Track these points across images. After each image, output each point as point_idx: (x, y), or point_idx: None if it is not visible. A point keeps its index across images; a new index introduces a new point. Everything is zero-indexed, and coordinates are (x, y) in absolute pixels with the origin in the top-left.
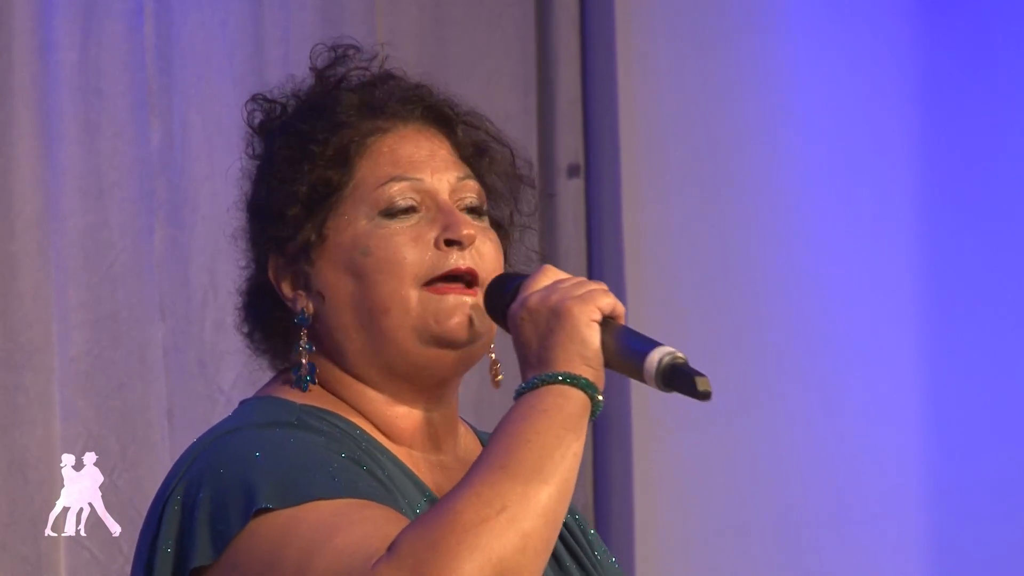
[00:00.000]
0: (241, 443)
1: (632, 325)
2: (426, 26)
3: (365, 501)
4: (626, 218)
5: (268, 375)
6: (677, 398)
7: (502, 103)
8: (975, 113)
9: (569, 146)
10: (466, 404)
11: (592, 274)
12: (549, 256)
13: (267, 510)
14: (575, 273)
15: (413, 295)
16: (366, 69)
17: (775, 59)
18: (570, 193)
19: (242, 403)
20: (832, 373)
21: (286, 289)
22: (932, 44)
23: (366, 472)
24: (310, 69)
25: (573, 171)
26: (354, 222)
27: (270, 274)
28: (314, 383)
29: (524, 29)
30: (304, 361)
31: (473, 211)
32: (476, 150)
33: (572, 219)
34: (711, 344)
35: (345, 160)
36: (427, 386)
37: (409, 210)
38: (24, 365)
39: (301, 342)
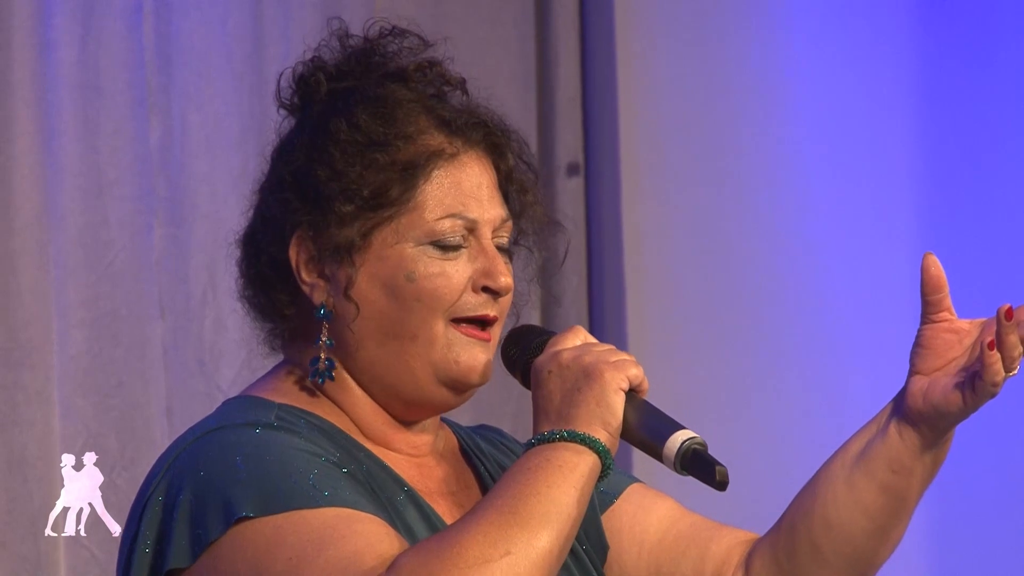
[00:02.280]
0: (222, 445)
1: (631, 324)
2: (425, 24)
3: (353, 512)
4: (625, 216)
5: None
6: (673, 396)
7: (501, 101)
8: (974, 112)
9: (569, 144)
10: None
11: (591, 272)
12: (547, 256)
13: (249, 518)
14: (573, 272)
15: (439, 327)
16: (428, 66)
17: (773, 57)
18: (569, 191)
19: (225, 402)
20: (831, 370)
21: (305, 274)
22: (931, 42)
23: (346, 475)
24: (364, 39)
25: (573, 169)
26: (403, 242)
27: (291, 251)
28: (332, 380)
29: (523, 27)
30: (323, 355)
31: (503, 250)
32: (519, 188)
33: (572, 217)
34: (710, 342)
35: (409, 179)
36: (423, 413)
37: (457, 246)
38: (23, 363)
39: (322, 336)
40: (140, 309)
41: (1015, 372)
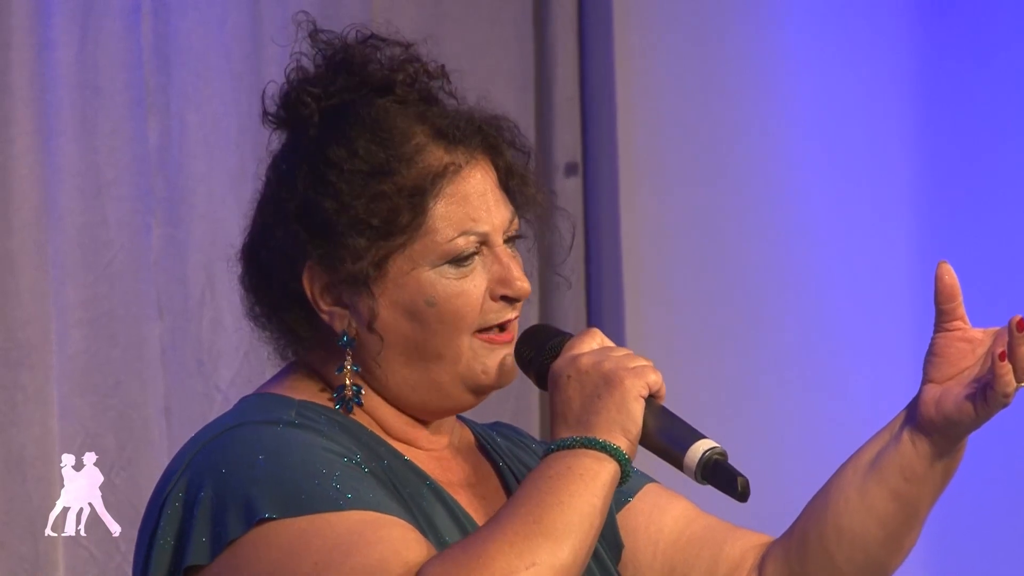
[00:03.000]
0: (243, 442)
1: (630, 324)
2: (423, 24)
3: (378, 516)
4: (624, 216)
5: (265, 373)
6: (670, 393)
7: (500, 101)
8: (972, 111)
9: (567, 144)
10: None
11: (589, 272)
12: (545, 256)
13: (271, 519)
14: (571, 272)
15: (465, 342)
16: (410, 66)
17: (772, 56)
18: (568, 191)
19: (242, 400)
20: (830, 368)
21: (322, 303)
22: (929, 40)
23: (369, 474)
24: (344, 45)
25: (571, 169)
26: (419, 267)
27: (305, 282)
28: (360, 406)
29: (522, 27)
30: (349, 382)
31: (512, 240)
32: (520, 180)
33: (570, 217)
34: (708, 341)
35: (418, 203)
36: (444, 415)
37: (471, 256)
38: (22, 363)
39: (346, 365)
40: (138, 309)
41: None
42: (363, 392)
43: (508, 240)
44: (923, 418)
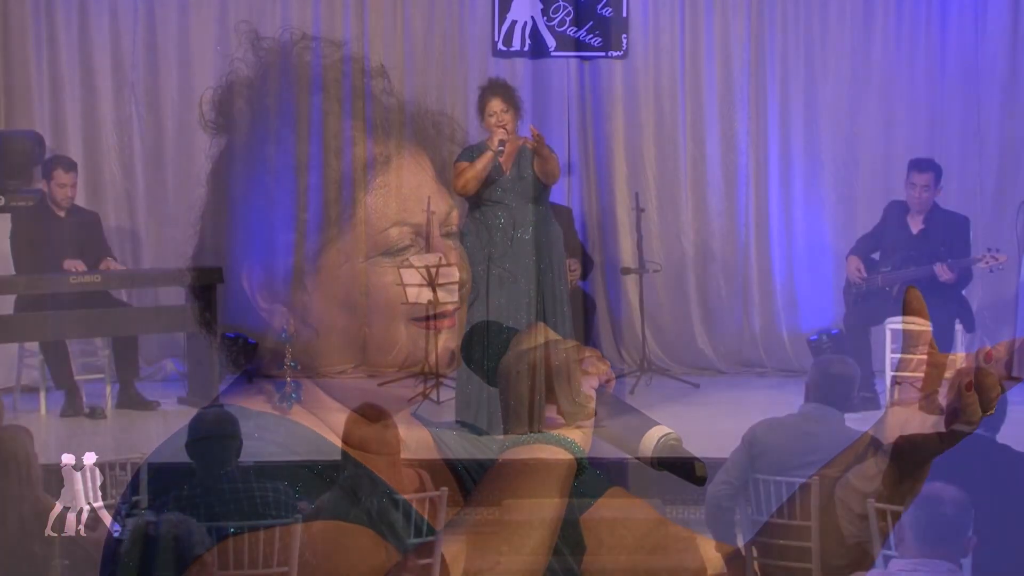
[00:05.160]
0: (204, 456)
1: (625, 321)
2: (420, 24)
3: (341, 525)
4: (618, 215)
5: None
6: (665, 392)
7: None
8: None
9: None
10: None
11: (585, 272)
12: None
13: (237, 533)
14: (569, 272)
15: (400, 330)
16: (346, 74)
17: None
18: (561, 191)
19: (201, 411)
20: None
21: (261, 300)
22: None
23: (330, 483)
24: (279, 45)
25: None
26: (352, 259)
27: (244, 282)
28: (299, 401)
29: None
30: (289, 379)
31: (454, 235)
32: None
33: (565, 216)
34: (704, 339)
35: (348, 195)
36: (392, 411)
37: (406, 248)
38: (22, 362)
39: (286, 361)
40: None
41: (992, 412)
42: (303, 388)
43: (451, 234)
44: (888, 441)
